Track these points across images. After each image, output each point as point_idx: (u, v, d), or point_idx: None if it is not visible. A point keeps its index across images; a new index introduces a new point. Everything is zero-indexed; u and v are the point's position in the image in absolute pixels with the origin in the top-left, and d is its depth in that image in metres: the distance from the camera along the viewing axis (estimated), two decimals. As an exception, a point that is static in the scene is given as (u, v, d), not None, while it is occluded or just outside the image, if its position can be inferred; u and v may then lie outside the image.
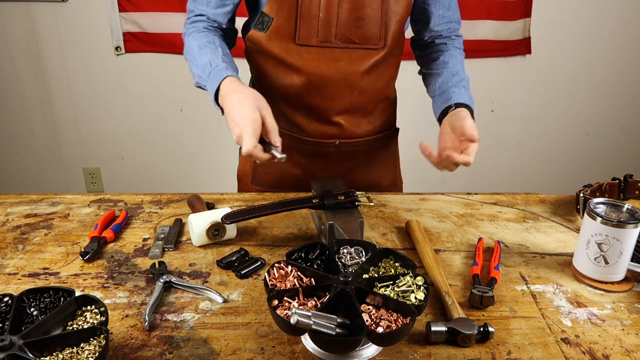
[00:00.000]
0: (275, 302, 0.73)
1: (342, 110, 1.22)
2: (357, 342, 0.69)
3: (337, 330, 0.69)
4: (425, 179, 3.02)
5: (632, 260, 0.91)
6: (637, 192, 1.17)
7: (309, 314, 0.67)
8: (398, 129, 1.38)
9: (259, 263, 0.96)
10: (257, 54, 1.21)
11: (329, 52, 1.14)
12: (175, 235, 1.05)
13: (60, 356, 0.66)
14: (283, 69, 1.17)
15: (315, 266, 0.84)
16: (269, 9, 1.12)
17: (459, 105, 1.13)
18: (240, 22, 1.24)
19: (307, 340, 0.77)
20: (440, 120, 1.15)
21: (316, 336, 0.68)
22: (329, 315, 0.70)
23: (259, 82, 1.27)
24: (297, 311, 0.66)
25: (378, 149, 1.33)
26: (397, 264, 0.83)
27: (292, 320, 0.65)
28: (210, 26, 1.18)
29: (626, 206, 0.91)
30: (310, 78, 1.16)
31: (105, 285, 0.90)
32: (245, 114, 0.95)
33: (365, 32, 1.13)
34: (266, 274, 0.78)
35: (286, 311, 0.72)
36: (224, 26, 1.20)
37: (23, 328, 0.70)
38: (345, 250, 0.85)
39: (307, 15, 1.10)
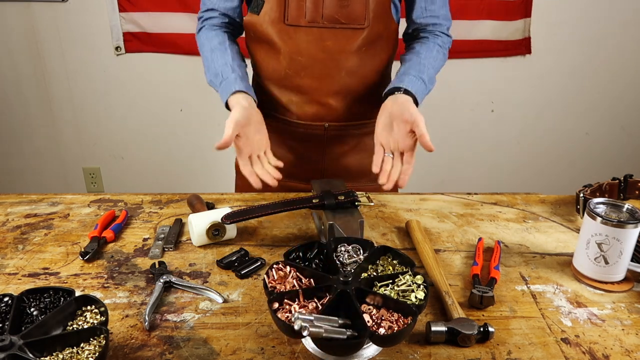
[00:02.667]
0: (276, 304, 0.73)
1: (331, 91, 1.23)
2: (360, 344, 0.69)
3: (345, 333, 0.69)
4: (425, 178, 3.02)
5: (632, 260, 0.91)
6: (637, 192, 1.17)
7: (312, 318, 0.67)
8: None
9: (259, 263, 0.96)
10: (252, 41, 1.25)
11: (317, 32, 1.17)
12: (175, 235, 1.05)
13: (60, 356, 0.66)
14: (274, 51, 1.21)
15: (313, 265, 0.84)
16: None
17: (406, 92, 1.12)
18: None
19: (307, 340, 0.77)
20: (384, 98, 1.15)
21: (319, 339, 0.68)
22: (330, 317, 0.70)
23: (254, 70, 1.32)
24: (300, 316, 0.66)
25: (369, 135, 1.33)
26: (395, 262, 0.83)
27: (297, 327, 0.64)
28: (222, 22, 1.25)
29: (626, 206, 0.91)
30: (298, 58, 1.19)
31: (105, 285, 0.90)
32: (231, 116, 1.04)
33: (351, 12, 1.16)
34: (265, 275, 0.78)
35: (287, 314, 0.72)
36: (236, 19, 1.27)
37: (23, 328, 0.70)
38: (342, 249, 0.85)
39: None
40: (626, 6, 2.70)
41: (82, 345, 0.67)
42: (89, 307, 0.74)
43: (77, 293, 0.78)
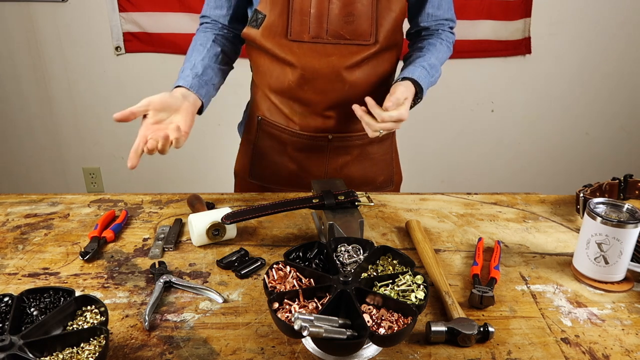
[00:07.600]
0: (276, 304, 0.73)
1: (334, 104, 1.22)
2: (360, 344, 0.69)
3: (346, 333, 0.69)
4: (425, 178, 3.02)
5: (632, 260, 0.91)
6: (637, 192, 1.17)
7: (312, 318, 0.67)
8: None
9: (259, 263, 0.96)
10: (252, 49, 1.24)
11: (321, 47, 1.16)
12: (175, 235, 1.05)
13: (60, 356, 0.66)
14: (277, 63, 1.19)
15: (313, 265, 0.84)
16: (262, 6, 1.15)
17: (405, 78, 1.15)
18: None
19: (307, 340, 0.77)
20: None
21: (319, 339, 0.68)
22: (330, 317, 0.70)
23: (256, 78, 1.30)
24: (300, 316, 0.66)
25: (372, 144, 1.34)
26: (395, 262, 0.83)
27: (297, 327, 0.64)
28: (213, 26, 1.26)
29: (626, 206, 0.91)
30: (302, 72, 1.17)
31: (105, 285, 0.90)
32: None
33: (356, 28, 1.14)
34: (265, 275, 0.78)
35: (287, 314, 0.72)
36: (227, 25, 1.26)
37: (23, 328, 0.70)
38: (342, 249, 0.85)
39: (298, 12, 1.13)
40: (626, 6, 2.70)
41: (82, 345, 0.67)
42: (89, 307, 0.74)
43: (77, 293, 0.78)
